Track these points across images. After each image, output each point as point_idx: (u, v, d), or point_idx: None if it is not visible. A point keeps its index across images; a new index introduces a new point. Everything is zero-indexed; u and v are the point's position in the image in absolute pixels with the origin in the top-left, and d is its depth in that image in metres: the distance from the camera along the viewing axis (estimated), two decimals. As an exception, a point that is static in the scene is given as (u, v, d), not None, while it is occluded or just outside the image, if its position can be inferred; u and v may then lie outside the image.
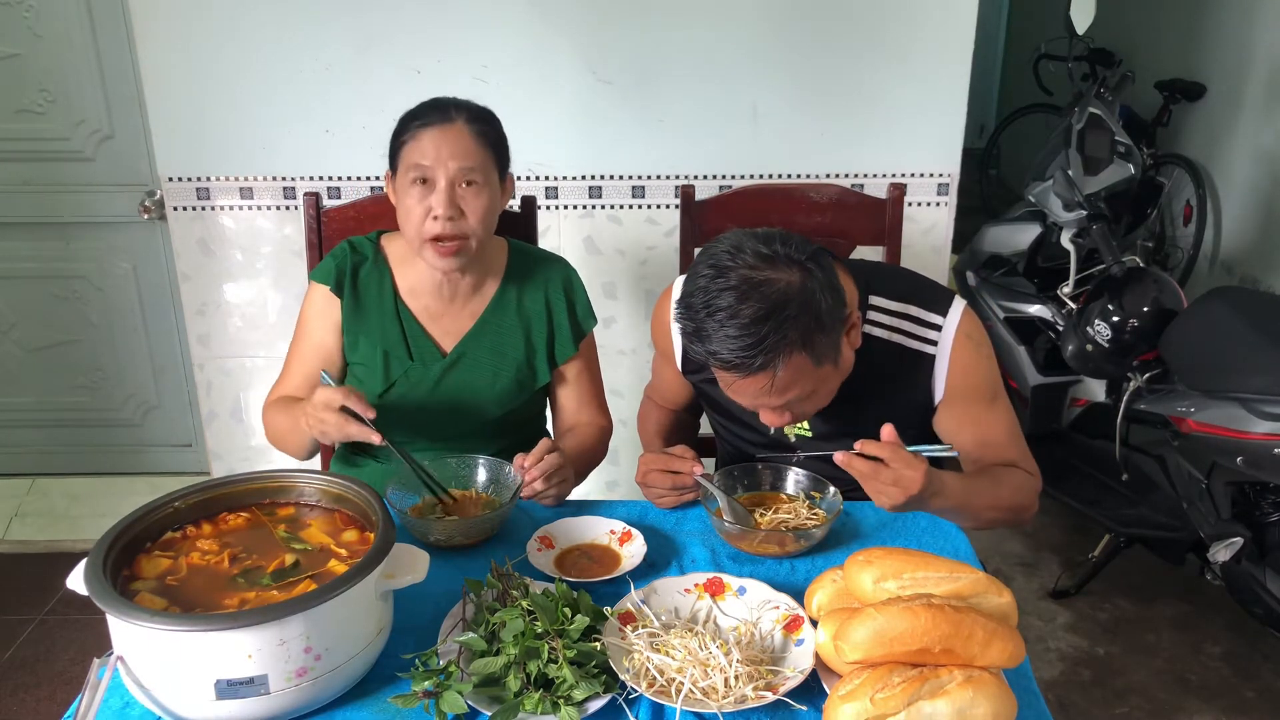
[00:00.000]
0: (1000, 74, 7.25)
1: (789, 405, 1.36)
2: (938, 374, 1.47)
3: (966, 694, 0.99)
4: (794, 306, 1.25)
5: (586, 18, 2.41)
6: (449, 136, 1.50)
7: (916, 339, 1.47)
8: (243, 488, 1.26)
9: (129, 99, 2.65)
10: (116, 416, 3.02)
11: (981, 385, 1.49)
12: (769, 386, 1.30)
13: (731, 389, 1.35)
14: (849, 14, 2.42)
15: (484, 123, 1.56)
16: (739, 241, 1.30)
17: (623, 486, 2.81)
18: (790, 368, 1.28)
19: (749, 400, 1.35)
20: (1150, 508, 2.56)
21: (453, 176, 1.49)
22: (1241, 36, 3.99)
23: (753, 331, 1.23)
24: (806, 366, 1.30)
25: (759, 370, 1.27)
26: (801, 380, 1.31)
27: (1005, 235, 3.25)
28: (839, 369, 1.38)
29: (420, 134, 1.51)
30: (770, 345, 1.24)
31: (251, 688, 1.01)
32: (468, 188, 1.51)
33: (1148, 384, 2.50)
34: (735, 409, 1.53)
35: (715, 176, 2.55)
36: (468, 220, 1.51)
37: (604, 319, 2.67)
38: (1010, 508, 1.47)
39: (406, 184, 1.51)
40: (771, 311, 1.24)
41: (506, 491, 1.47)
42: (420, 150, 1.50)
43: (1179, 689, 2.39)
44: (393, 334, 1.62)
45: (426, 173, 1.49)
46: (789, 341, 1.25)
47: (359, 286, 1.63)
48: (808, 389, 1.33)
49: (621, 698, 1.09)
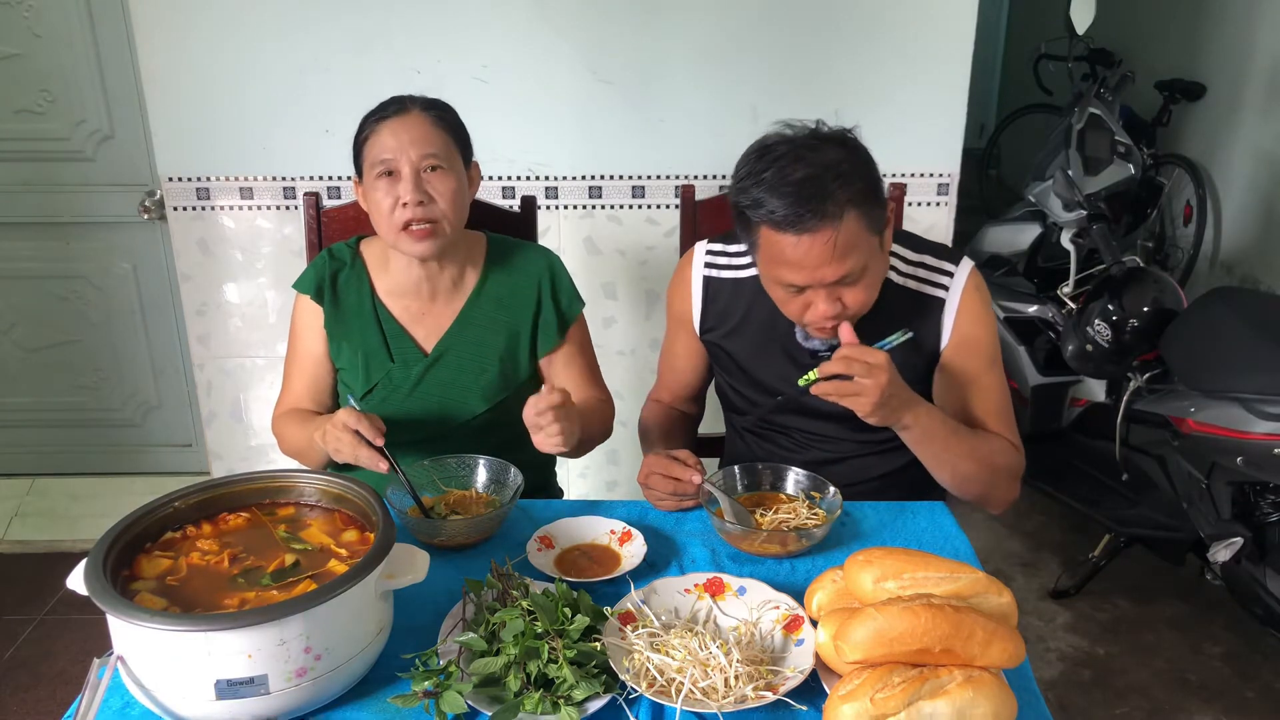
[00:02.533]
0: (1000, 74, 7.25)
1: (845, 283, 1.37)
2: (946, 318, 1.52)
3: (966, 694, 0.99)
4: (847, 165, 1.32)
5: (586, 18, 2.41)
6: (407, 124, 1.52)
7: (930, 284, 1.53)
8: (243, 488, 1.26)
9: (129, 99, 2.65)
10: (116, 416, 3.02)
11: (983, 340, 1.53)
12: (831, 248, 1.31)
13: (786, 265, 1.35)
14: (849, 14, 2.41)
15: (440, 109, 1.57)
16: (778, 131, 1.37)
17: (623, 486, 2.81)
18: (849, 227, 1.32)
19: (807, 274, 1.35)
20: (1150, 508, 2.56)
21: (416, 163, 1.51)
22: (1241, 36, 3.99)
23: (816, 181, 1.29)
24: (863, 231, 1.34)
25: (823, 223, 1.30)
26: (859, 247, 1.34)
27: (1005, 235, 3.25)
28: (882, 257, 1.42)
29: (379, 128, 1.53)
30: (833, 193, 1.29)
31: (251, 688, 1.01)
32: (433, 173, 1.52)
33: (1148, 384, 2.50)
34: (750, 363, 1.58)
35: (715, 176, 2.55)
36: (437, 204, 1.52)
37: (604, 319, 2.67)
38: (989, 465, 1.49)
39: (373, 180, 1.53)
40: (829, 168, 1.30)
41: (506, 491, 1.47)
42: (381, 144, 1.52)
43: (1179, 689, 2.39)
44: (372, 337, 1.64)
45: (391, 165, 1.51)
46: (849, 194, 1.31)
47: (339, 292, 1.65)
48: (861, 260, 1.35)
49: (621, 698, 1.09)
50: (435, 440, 1.64)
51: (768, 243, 1.37)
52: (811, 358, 1.56)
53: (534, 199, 1.98)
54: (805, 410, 1.60)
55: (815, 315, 1.41)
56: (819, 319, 1.41)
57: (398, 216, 1.51)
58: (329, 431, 1.44)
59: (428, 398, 1.64)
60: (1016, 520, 3.07)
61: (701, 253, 1.66)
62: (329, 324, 1.64)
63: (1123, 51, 3.99)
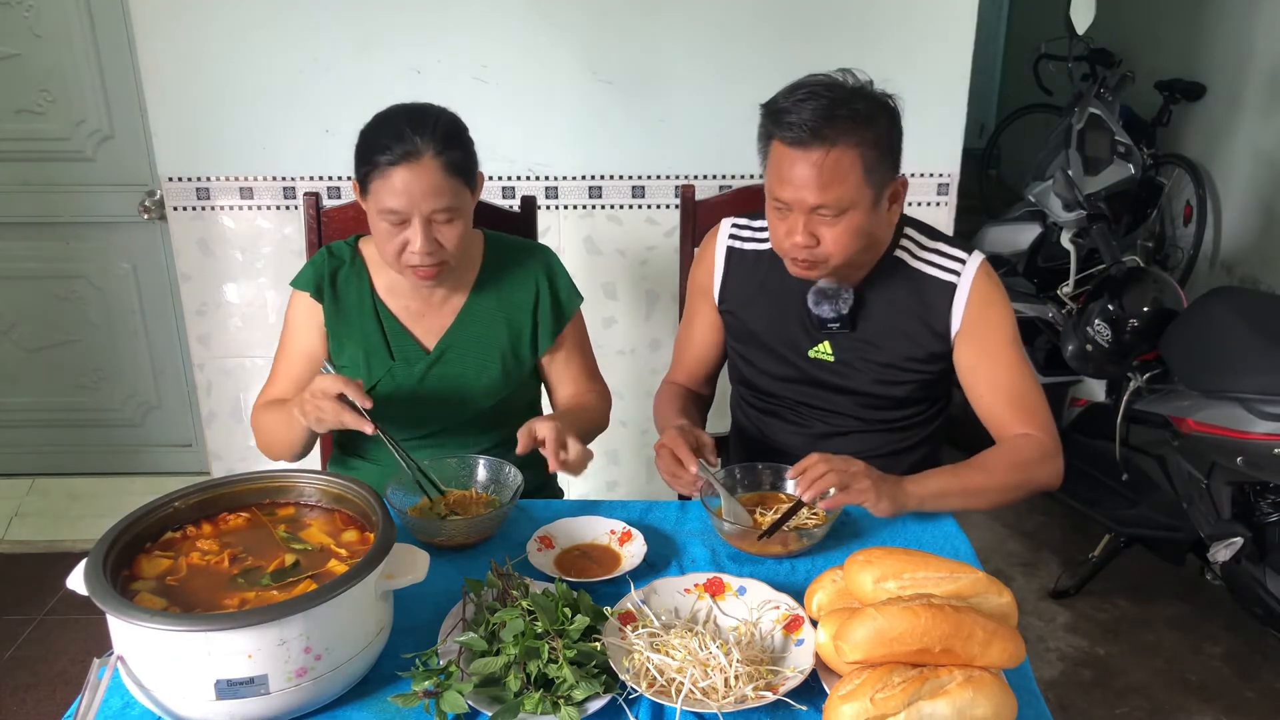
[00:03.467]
0: (1000, 74, 7.24)
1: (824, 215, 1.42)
2: (957, 302, 1.55)
3: (966, 694, 0.99)
4: (865, 111, 1.40)
5: (586, 18, 2.41)
6: (419, 174, 1.45)
7: (942, 269, 1.57)
8: (243, 488, 1.26)
9: (129, 99, 2.65)
10: (116, 416, 3.02)
11: (995, 324, 1.55)
12: (817, 170, 1.38)
13: (779, 179, 1.43)
14: (849, 14, 2.42)
15: (453, 148, 1.49)
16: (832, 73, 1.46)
17: (623, 486, 2.81)
18: (842, 159, 1.39)
19: (791, 191, 1.41)
20: (1150, 508, 2.56)
21: (427, 215, 1.47)
22: (1241, 36, 3.99)
23: (828, 109, 1.38)
24: (856, 171, 1.40)
25: (818, 144, 1.37)
26: (847, 183, 1.40)
27: (1005, 235, 3.25)
28: (877, 218, 1.47)
29: (389, 173, 1.45)
30: (838, 123, 1.37)
31: (251, 688, 1.01)
32: (444, 224, 1.50)
33: (1148, 384, 2.50)
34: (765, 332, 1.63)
35: (715, 176, 2.55)
36: (445, 249, 1.51)
37: (604, 319, 2.67)
38: (1016, 486, 1.50)
39: (376, 214, 1.49)
40: (846, 104, 1.39)
41: (506, 491, 1.47)
42: (390, 191, 1.46)
43: (1179, 689, 2.39)
44: (373, 335, 1.63)
45: (400, 216, 1.47)
46: (855, 134, 1.38)
47: (339, 290, 1.64)
48: (847, 199, 1.40)
49: (621, 698, 1.09)
50: (438, 436, 1.65)
51: (773, 157, 1.45)
52: (818, 327, 1.60)
53: (534, 199, 1.98)
54: (813, 381, 1.64)
55: (791, 243, 1.46)
56: (794, 248, 1.46)
57: (405, 259, 1.50)
58: (308, 400, 1.41)
59: (431, 395, 1.64)
60: (1016, 520, 3.07)
61: (727, 226, 1.71)
62: (329, 322, 1.64)
63: (1123, 51, 3.99)
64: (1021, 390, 1.55)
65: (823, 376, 1.63)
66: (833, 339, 1.61)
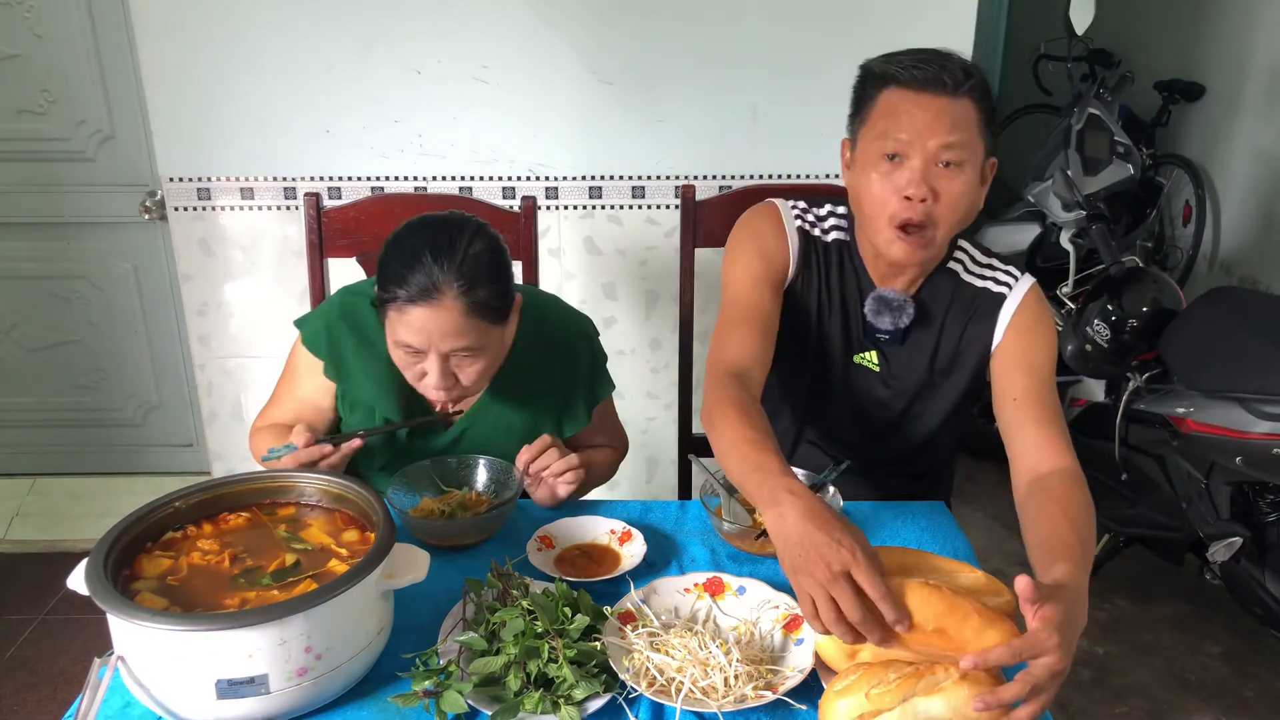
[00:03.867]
0: (1000, 74, 7.24)
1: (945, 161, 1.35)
2: (1003, 316, 1.49)
3: (962, 691, 0.99)
4: (975, 69, 1.37)
5: (586, 18, 2.41)
6: (438, 316, 1.34)
7: (995, 282, 1.52)
8: (243, 488, 1.27)
9: (129, 99, 2.65)
10: (117, 416, 3.03)
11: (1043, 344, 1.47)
12: (945, 111, 1.34)
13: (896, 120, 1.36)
14: (848, 14, 2.42)
15: (480, 286, 1.36)
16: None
17: (623, 486, 2.81)
18: (968, 107, 1.35)
19: (913, 132, 1.34)
20: (1150, 508, 2.56)
21: (445, 353, 1.38)
22: (1241, 36, 3.99)
23: (952, 60, 1.35)
24: (974, 126, 1.36)
25: (944, 90, 1.34)
26: (969, 133, 1.35)
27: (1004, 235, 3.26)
28: (979, 190, 1.41)
29: (407, 310, 1.34)
30: (963, 76, 1.34)
31: (252, 687, 1.01)
32: (463, 359, 1.40)
33: (1147, 384, 2.50)
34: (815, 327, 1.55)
35: (715, 176, 2.55)
36: (462, 386, 1.43)
37: (604, 319, 2.67)
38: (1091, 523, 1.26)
39: (392, 343, 1.41)
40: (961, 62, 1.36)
41: (506, 491, 1.47)
42: (407, 327, 1.36)
43: (1178, 689, 2.39)
44: (390, 404, 1.54)
45: (416, 351, 1.38)
46: (976, 90, 1.35)
47: (355, 359, 1.53)
48: (966, 149, 1.36)
49: (621, 697, 1.09)
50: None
51: (884, 106, 1.38)
52: (869, 338, 1.54)
53: (534, 199, 1.98)
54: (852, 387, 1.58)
55: (905, 196, 1.36)
56: (906, 207, 1.36)
57: (422, 387, 1.44)
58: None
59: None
60: (1016, 520, 3.06)
61: (786, 206, 1.58)
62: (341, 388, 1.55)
63: (1122, 52, 4.00)
64: (1054, 410, 1.41)
65: (864, 384, 1.57)
66: (882, 349, 1.55)
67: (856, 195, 1.45)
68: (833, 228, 1.56)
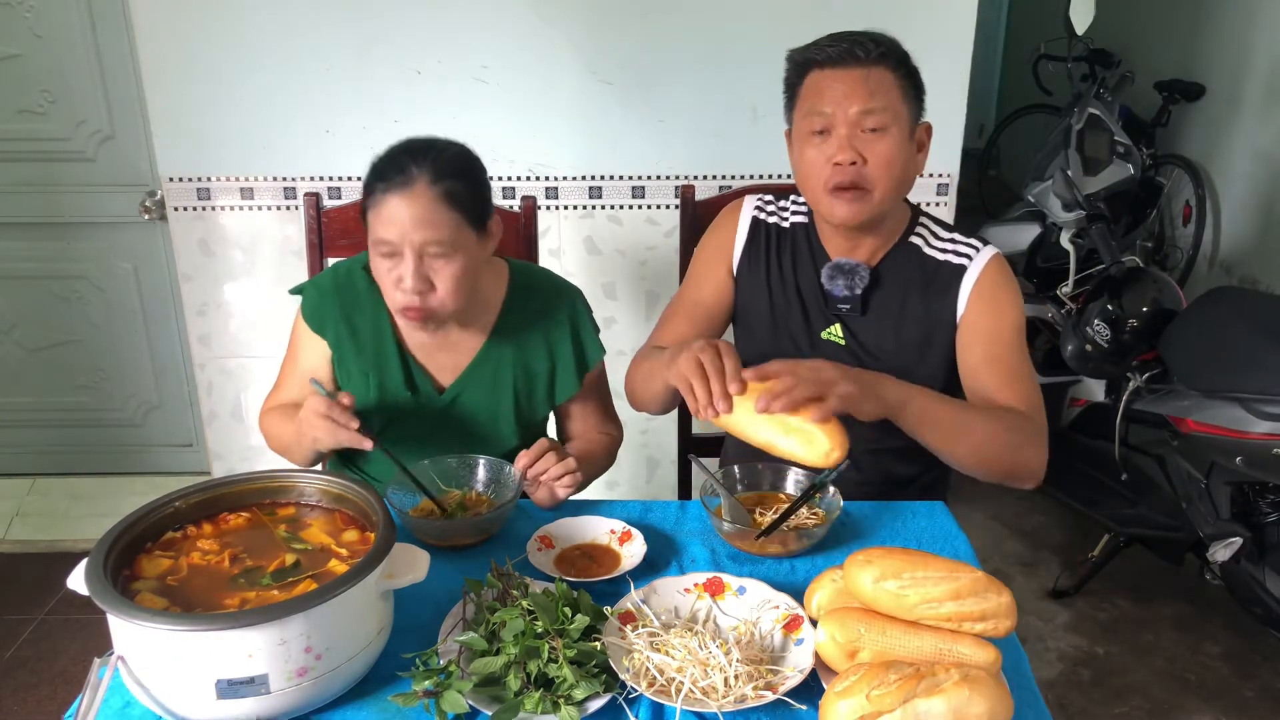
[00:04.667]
0: (1000, 74, 7.25)
1: (868, 128, 1.44)
2: (965, 284, 1.54)
3: (963, 692, 0.99)
4: (897, 48, 1.49)
5: (586, 18, 2.41)
6: (412, 202, 1.40)
7: (956, 255, 1.57)
8: (243, 488, 1.27)
9: (129, 99, 2.65)
10: (117, 416, 3.03)
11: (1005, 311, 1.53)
12: (862, 82, 1.43)
13: (820, 97, 1.46)
14: (848, 14, 2.41)
15: (451, 178, 1.43)
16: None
17: (623, 486, 2.81)
18: (883, 77, 1.45)
19: (835, 103, 1.44)
20: (1150, 508, 2.56)
21: (419, 247, 1.42)
22: (1241, 36, 3.99)
23: (864, 36, 1.47)
24: (895, 92, 1.45)
25: (859, 63, 1.44)
26: (889, 98, 1.44)
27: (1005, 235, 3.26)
28: (912, 152, 1.49)
29: (384, 200, 1.41)
30: (883, 40, 1.46)
31: (252, 687, 1.01)
32: (437, 259, 1.43)
33: (1147, 384, 2.50)
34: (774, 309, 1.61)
35: (715, 176, 2.55)
36: (436, 293, 1.44)
37: (604, 319, 2.66)
38: (1004, 445, 1.43)
39: (373, 249, 1.45)
40: (875, 35, 1.48)
41: (506, 491, 1.47)
42: (383, 221, 1.42)
43: (1178, 689, 2.39)
44: (387, 367, 1.58)
45: (392, 247, 1.42)
46: (890, 59, 1.45)
47: (348, 321, 1.58)
48: (889, 114, 1.44)
49: (621, 697, 1.09)
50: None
51: (809, 87, 1.49)
52: (831, 309, 1.59)
53: (534, 199, 1.98)
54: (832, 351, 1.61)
55: (836, 163, 1.45)
56: (838, 171, 1.45)
57: (398, 298, 1.45)
58: (304, 420, 1.41)
59: (443, 435, 1.59)
60: (1016, 520, 3.07)
61: (751, 199, 1.70)
62: (336, 353, 1.59)
63: (1122, 52, 4.00)
64: (1015, 372, 1.50)
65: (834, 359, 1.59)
66: (845, 321, 1.59)
67: (797, 172, 1.54)
68: (794, 213, 1.65)
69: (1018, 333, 1.53)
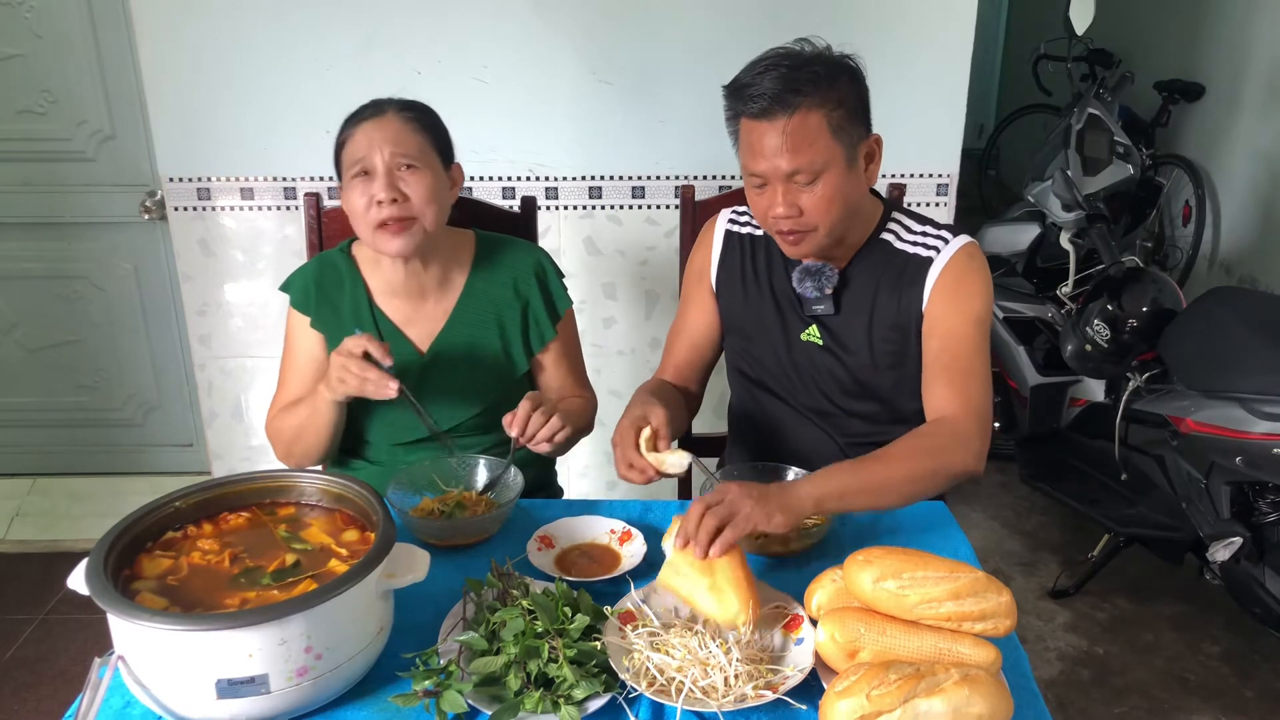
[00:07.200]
0: (1000, 74, 7.25)
1: (801, 181, 1.43)
2: (929, 278, 1.53)
3: (962, 692, 0.99)
4: (825, 74, 1.42)
5: (586, 18, 2.42)
6: (381, 126, 1.53)
7: (925, 247, 1.56)
8: (243, 487, 1.27)
9: (130, 99, 2.65)
10: (117, 416, 3.03)
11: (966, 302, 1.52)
12: (784, 136, 1.40)
13: (751, 152, 1.44)
14: (848, 14, 2.42)
15: (418, 111, 1.58)
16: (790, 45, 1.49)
17: (623, 486, 2.81)
18: (808, 122, 1.40)
19: (764, 162, 1.43)
20: (1149, 507, 2.56)
21: (389, 162, 1.51)
22: (1241, 37, 3.99)
23: (787, 77, 1.40)
24: (824, 133, 1.41)
25: (781, 111, 1.40)
26: (816, 146, 1.41)
27: (1004, 235, 3.25)
28: (854, 180, 1.47)
29: (354, 131, 1.54)
30: (799, 89, 1.39)
31: (252, 687, 1.01)
32: (407, 171, 1.52)
33: (1147, 384, 2.50)
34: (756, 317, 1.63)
35: (715, 176, 2.55)
36: (411, 202, 1.52)
37: (604, 319, 2.67)
38: (926, 475, 1.40)
39: (349, 181, 1.54)
40: (803, 69, 1.42)
41: (507, 491, 1.48)
42: (355, 145, 1.53)
43: (1178, 688, 2.39)
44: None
45: (365, 164, 1.52)
46: (815, 96, 1.40)
47: (330, 296, 1.65)
48: (819, 162, 1.42)
49: (621, 697, 1.09)
50: (434, 439, 1.64)
51: (743, 134, 1.47)
52: (806, 311, 1.61)
53: (534, 199, 1.98)
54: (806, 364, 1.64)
55: (774, 215, 1.46)
56: (777, 220, 1.47)
57: (372, 215, 1.52)
58: (334, 360, 1.46)
59: (424, 399, 1.63)
60: (1016, 520, 3.07)
61: (726, 213, 1.73)
62: (320, 328, 1.64)
63: (1122, 52, 4.00)
64: (961, 367, 1.48)
65: (815, 359, 1.62)
66: (820, 322, 1.61)
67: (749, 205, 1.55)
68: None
69: (977, 324, 1.52)
